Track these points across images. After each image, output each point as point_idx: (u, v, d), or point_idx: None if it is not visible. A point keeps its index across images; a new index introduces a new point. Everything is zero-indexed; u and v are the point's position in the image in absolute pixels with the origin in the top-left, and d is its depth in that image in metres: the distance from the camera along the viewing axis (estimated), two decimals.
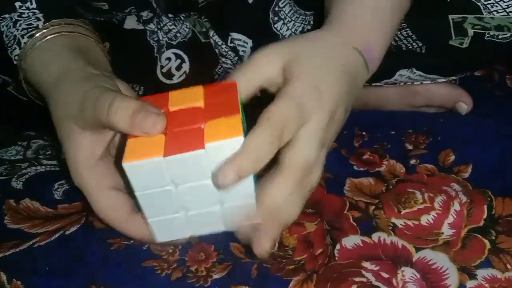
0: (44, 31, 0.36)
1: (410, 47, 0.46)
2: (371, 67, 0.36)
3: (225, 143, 0.28)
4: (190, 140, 0.28)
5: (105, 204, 0.32)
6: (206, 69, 0.53)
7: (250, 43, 0.52)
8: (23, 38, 0.36)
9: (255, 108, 0.32)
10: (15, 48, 0.37)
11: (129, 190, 0.35)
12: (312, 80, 0.31)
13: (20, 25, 0.37)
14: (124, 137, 0.30)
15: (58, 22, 0.37)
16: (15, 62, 0.37)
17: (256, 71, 0.32)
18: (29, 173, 0.47)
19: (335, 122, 0.32)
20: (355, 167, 0.46)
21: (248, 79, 0.32)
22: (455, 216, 0.40)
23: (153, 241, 0.33)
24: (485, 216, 0.40)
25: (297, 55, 0.32)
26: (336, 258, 0.37)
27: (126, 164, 0.28)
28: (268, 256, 0.31)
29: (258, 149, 0.28)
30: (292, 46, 0.33)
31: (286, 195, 0.30)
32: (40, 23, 0.37)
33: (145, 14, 0.51)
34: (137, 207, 0.32)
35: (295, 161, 0.30)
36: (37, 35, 0.36)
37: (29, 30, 0.36)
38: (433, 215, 0.40)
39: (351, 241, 0.39)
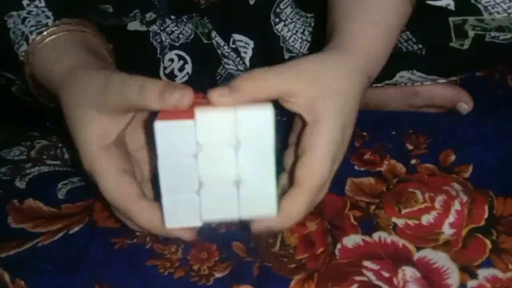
0: (54, 28, 0.37)
1: (411, 49, 0.47)
2: (371, 82, 0.37)
3: (254, 111, 0.29)
4: (220, 108, 0.30)
5: (114, 186, 0.32)
6: (208, 70, 0.53)
7: (251, 44, 0.52)
8: (31, 34, 0.37)
9: None
10: (22, 44, 0.37)
11: (152, 173, 0.35)
12: (341, 125, 0.33)
13: (29, 21, 0.37)
14: (152, 119, 0.30)
15: (69, 20, 0.38)
16: (21, 58, 0.37)
17: (289, 79, 0.33)
18: (32, 173, 0.48)
19: (345, 142, 0.34)
20: (356, 167, 0.46)
21: (278, 81, 0.32)
22: (456, 216, 0.40)
23: (159, 228, 0.32)
24: (486, 216, 0.40)
25: (326, 88, 0.33)
26: (337, 257, 0.37)
27: (157, 124, 0.29)
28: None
29: (295, 218, 0.31)
30: (320, 74, 0.33)
31: (303, 213, 0.32)
32: (50, 21, 0.37)
33: (148, 15, 0.51)
34: (153, 189, 0.33)
35: (309, 180, 0.32)
36: (46, 32, 0.37)
37: (38, 27, 0.37)
38: (433, 215, 0.40)
39: (352, 240, 0.39)
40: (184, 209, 0.31)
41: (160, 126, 0.29)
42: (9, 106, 0.51)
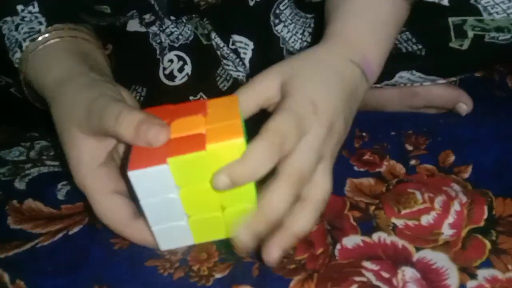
0: (47, 35, 0.37)
1: (410, 50, 0.47)
2: (370, 78, 0.37)
3: (225, 144, 0.29)
4: (192, 144, 0.29)
5: (107, 207, 0.33)
6: (208, 71, 0.53)
7: (251, 45, 0.52)
8: (24, 41, 0.37)
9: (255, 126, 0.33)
10: (16, 51, 0.37)
11: (133, 198, 0.35)
12: (307, 95, 0.32)
13: (22, 28, 0.37)
14: (129, 146, 0.31)
15: (61, 26, 0.37)
16: (16, 65, 0.37)
17: (256, 91, 0.34)
18: (32, 174, 0.48)
19: (333, 134, 0.33)
20: (355, 168, 0.46)
21: (248, 99, 0.33)
22: (455, 216, 0.40)
23: (154, 246, 0.33)
24: (485, 216, 0.40)
25: (294, 73, 0.33)
26: (337, 258, 0.37)
27: (131, 173, 0.29)
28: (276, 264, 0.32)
29: (256, 159, 0.29)
30: (289, 65, 0.34)
31: (283, 203, 0.31)
32: (43, 27, 0.37)
33: (147, 17, 0.51)
34: (140, 213, 0.33)
35: (289, 169, 0.31)
36: (39, 39, 0.37)
37: (31, 34, 0.37)
38: (433, 215, 0.40)
39: (352, 241, 0.39)
40: (175, 233, 0.32)
41: (134, 174, 0.29)
42: (8, 106, 0.51)
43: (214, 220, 0.31)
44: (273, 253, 0.32)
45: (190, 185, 0.30)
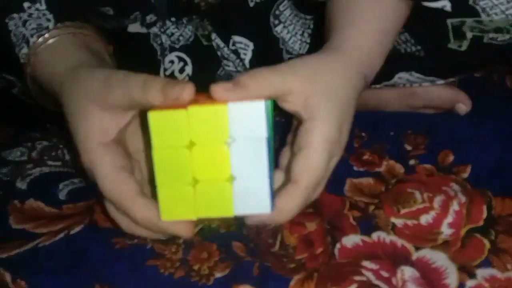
0: (56, 31, 0.37)
1: (409, 51, 0.47)
2: (368, 83, 0.38)
3: (247, 105, 0.29)
4: (213, 103, 0.30)
5: (112, 182, 0.33)
6: (208, 71, 0.53)
7: (251, 46, 0.52)
8: (32, 37, 0.37)
9: None
10: (23, 47, 0.37)
11: (151, 175, 0.35)
12: (338, 123, 0.33)
13: (30, 24, 0.38)
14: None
15: (70, 24, 0.38)
16: (22, 61, 0.38)
17: (287, 79, 0.33)
18: (33, 174, 0.48)
19: (342, 140, 0.34)
20: (355, 168, 0.46)
21: (277, 80, 0.33)
22: (454, 216, 0.40)
23: (155, 225, 0.32)
24: (484, 216, 0.40)
25: (323, 87, 0.33)
26: (336, 257, 0.38)
27: (151, 114, 0.29)
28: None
29: (289, 215, 0.32)
30: (317, 74, 0.34)
31: (297, 208, 0.33)
32: (51, 24, 0.38)
33: (148, 18, 0.52)
34: (151, 189, 0.33)
35: (307, 178, 0.32)
36: (47, 35, 0.37)
37: (38, 30, 0.37)
38: (432, 215, 0.41)
39: (351, 240, 0.39)
40: (180, 202, 0.31)
41: (154, 116, 0.29)
42: (10, 107, 0.51)
43: (222, 191, 0.31)
44: (253, 222, 0.33)
45: (205, 142, 0.30)
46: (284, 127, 0.38)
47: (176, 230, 0.33)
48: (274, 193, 0.33)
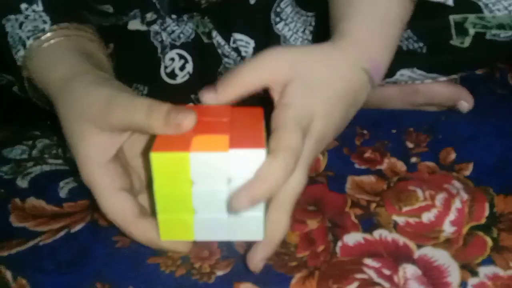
0: (50, 33, 0.37)
1: (411, 47, 0.47)
2: (376, 82, 0.36)
3: (248, 152, 0.30)
4: (215, 144, 0.30)
5: (114, 204, 0.33)
6: (209, 69, 0.53)
7: (252, 43, 0.52)
8: (28, 39, 0.37)
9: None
10: (19, 49, 0.37)
11: (148, 184, 0.36)
12: (308, 107, 0.32)
13: (26, 26, 0.37)
14: (152, 138, 0.31)
15: (66, 25, 0.37)
16: (19, 63, 0.37)
17: (266, 71, 0.33)
18: (34, 172, 0.48)
19: (317, 146, 0.33)
20: (356, 165, 0.46)
21: (256, 76, 0.33)
22: (456, 214, 0.40)
23: (156, 244, 0.34)
24: (486, 213, 0.40)
25: (301, 73, 0.33)
26: (338, 255, 0.38)
27: (153, 154, 0.29)
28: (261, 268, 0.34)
29: (273, 179, 0.30)
30: (300, 60, 0.34)
31: (283, 171, 0.30)
32: (47, 26, 0.37)
33: (149, 15, 0.51)
34: (150, 204, 0.33)
35: (284, 146, 0.31)
36: (43, 37, 0.37)
37: (35, 32, 0.37)
38: (434, 213, 0.40)
39: (353, 238, 0.39)
40: (179, 227, 0.32)
41: (156, 157, 0.29)
42: (10, 105, 0.51)
43: (219, 221, 0.32)
44: (258, 261, 0.33)
45: (204, 184, 0.30)
46: None
47: (175, 247, 0.34)
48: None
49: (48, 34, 0.37)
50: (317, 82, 0.33)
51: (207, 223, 0.32)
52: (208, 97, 0.33)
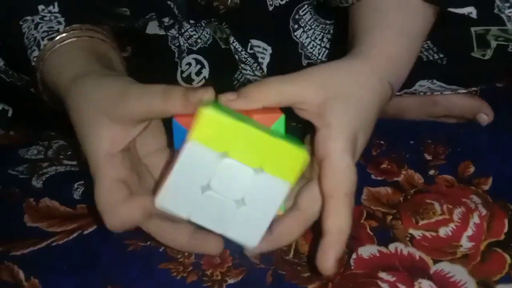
0: (64, 34, 0.37)
1: (431, 58, 0.46)
2: (395, 92, 0.36)
3: (275, 180, 0.30)
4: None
5: (104, 191, 0.32)
6: (225, 75, 0.53)
7: (269, 50, 0.52)
8: (43, 40, 0.37)
9: None
10: (34, 50, 0.37)
11: (161, 179, 0.35)
12: (353, 129, 0.32)
13: (41, 27, 0.38)
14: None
15: (79, 26, 0.38)
16: (33, 63, 0.38)
17: (297, 90, 0.33)
18: (49, 173, 0.48)
19: (358, 148, 0.34)
20: (372, 176, 0.46)
21: (287, 90, 0.32)
22: (474, 229, 0.39)
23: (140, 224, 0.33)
24: (506, 230, 0.39)
25: (334, 93, 0.32)
26: (352, 268, 0.37)
27: (189, 143, 0.30)
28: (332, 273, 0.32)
29: (348, 229, 0.31)
30: (333, 78, 0.33)
31: (349, 221, 0.31)
32: (61, 27, 0.38)
33: (166, 20, 0.52)
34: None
35: (345, 188, 0.31)
36: (57, 38, 0.37)
37: (49, 33, 0.37)
38: (451, 227, 0.40)
39: (368, 250, 0.38)
40: (184, 195, 0.31)
41: (190, 146, 0.30)
42: (28, 106, 0.51)
43: (226, 209, 0.31)
44: (330, 260, 0.31)
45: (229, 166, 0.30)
46: (301, 133, 0.37)
47: (204, 248, 0.34)
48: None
49: (62, 35, 0.37)
50: (352, 98, 0.32)
51: (212, 205, 0.31)
52: (229, 99, 0.32)
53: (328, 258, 0.30)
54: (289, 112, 0.34)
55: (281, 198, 0.31)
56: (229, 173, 0.30)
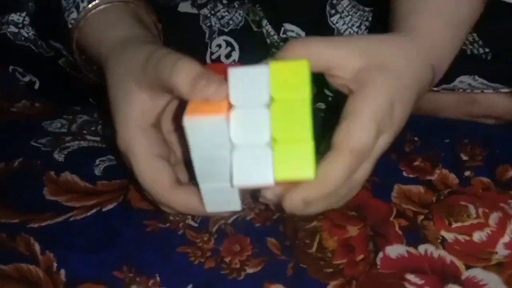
0: None
1: (476, 52, 0.43)
2: (434, 83, 0.35)
3: (289, 62, 0.28)
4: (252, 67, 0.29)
5: (150, 172, 0.32)
6: (255, 58, 0.51)
7: (303, 35, 0.50)
8: (82, 2, 0.37)
9: None
10: (72, 12, 0.37)
11: (185, 156, 0.34)
12: (389, 96, 0.30)
13: None
14: (182, 106, 0.29)
15: None
16: (69, 26, 0.37)
17: (336, 53, 0.31)
18: (71, 147, 0.48)
19: (395, 121, 0.31)
20: (404, 173, 0.43)
21: (321, 58, 0.31)
22: (511, 236, 0.37)
23: (199, 211, 0.32)
24: None
25: (377, 61, 0.31)
26: (378, 267, 0.35)
27: (186, 121, 0.27)
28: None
29: (333, 185, 0.28)
30: (376, 47, 0.32)
31: (341, 178, 0.29)
32: None
33: None
34: (187, 170, 0.32)
35: (350, 145, 0.29)
36: (97, 1, 0.37)
37: None
38: (487, 232, 0.37)
39: (396, 250, 0.36)
40: (222, 195, 0.30)
41: (189, 122, 0.27)
42: (54, 79, 0.51)
43: (261, 157, 0.28)
44: (295, 199, 0.29)
45: (244, 105, 0.28)
46: (324, 122, 0.35)
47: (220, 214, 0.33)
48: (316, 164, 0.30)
49: None
50: (394, 72, 0.31)
51: (247, 163, 0.28)
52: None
53: (296, 194, 0.29)
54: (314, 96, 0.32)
55: (306, 80, 0.28)
56: (244, 118, 0.28)
